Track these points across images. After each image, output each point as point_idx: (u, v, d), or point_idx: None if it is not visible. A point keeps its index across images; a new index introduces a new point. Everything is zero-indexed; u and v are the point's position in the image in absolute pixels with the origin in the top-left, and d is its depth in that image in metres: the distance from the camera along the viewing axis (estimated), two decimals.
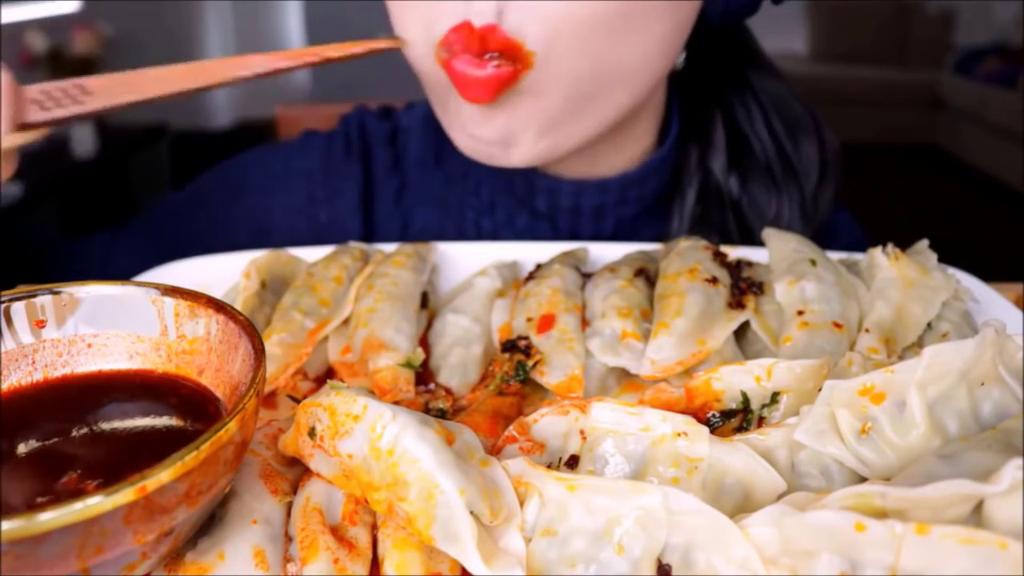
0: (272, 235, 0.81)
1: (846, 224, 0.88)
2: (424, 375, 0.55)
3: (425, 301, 0.61)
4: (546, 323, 0.54)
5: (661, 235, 0.78)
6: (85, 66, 3.88)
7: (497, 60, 0.58)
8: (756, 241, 0.63)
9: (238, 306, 0.56)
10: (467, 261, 0.65)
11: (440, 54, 0.60)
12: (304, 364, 0.56)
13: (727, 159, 0.78)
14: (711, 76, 0.79)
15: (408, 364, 0.53)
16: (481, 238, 0.80)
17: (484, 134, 0.64)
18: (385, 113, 0.88)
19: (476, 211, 0.80)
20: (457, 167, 0.81)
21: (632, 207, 0.77)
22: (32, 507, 0.30)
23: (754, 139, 0.79)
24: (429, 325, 0.60)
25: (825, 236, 0.82)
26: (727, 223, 0.77)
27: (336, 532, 0.39)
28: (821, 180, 0.79)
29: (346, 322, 0.58)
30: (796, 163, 0.78)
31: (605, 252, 0.65)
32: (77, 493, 0.34)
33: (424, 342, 0.58)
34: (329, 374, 0.57)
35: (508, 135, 0.64)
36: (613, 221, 0.77)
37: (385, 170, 0.84)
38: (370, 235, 0.83)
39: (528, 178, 0.75)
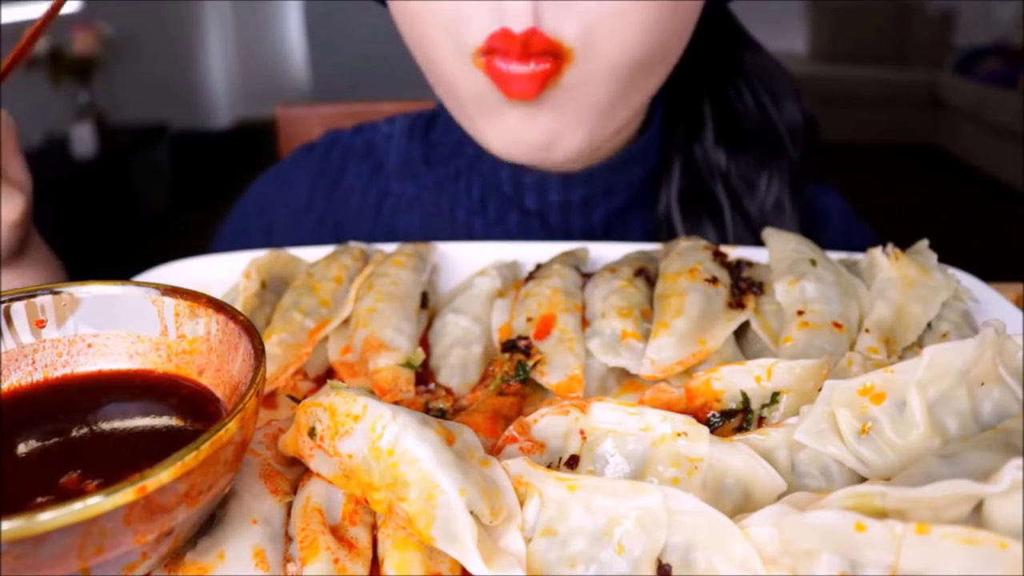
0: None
1: (837, 206, 0.87)
2: (424, 375, 0.55)
3: (425, 301, 0.61)
4: (545, 328, 0.54)
5: (652, 225, 0.78)
6: (85, 66, 3.88)
7: (539, 59, 0.58)
8: (749, 221, 0.63)
9: (238, 306, 0.56)
10: (467, 261, 0.65)
11: (478, 59, 0.60)
12: (304, 364, 0.56)
13: (715, 134, 0.78)
14: (699, 55, 0.79)
15: (408, 364, 0.53)
16: (473, 239, 0.80)
17: (530, 137, 0.64)
18: (358, 129, 0.90)
19: (468, 211, 0.80)
20: (448, 170, 0.81)
21: (620, 197, 0.77)
22: (32, 507, 0.30)
23: (740, 108, 0.79)
24: (429, 325, 0.60)
25: (818, 221, 0.82)
26: (718, 199, 0.77)
27: (336, 532, 0.39)
28: (806, 145, 0.79)
29: (346, 322, 0.58)
30: (780, 126, 0.78)
31: (605, 252, 0.65)
32: (77, 493, 0.34)
33: (424, 342, 0.58)
34: (329, 374, 0.57)
35: (554, 135, 0.64)
36: (603, 212, 0.77)
37: (363, 183, 0.85)
38: None
39: (516, 175, 0.75)
